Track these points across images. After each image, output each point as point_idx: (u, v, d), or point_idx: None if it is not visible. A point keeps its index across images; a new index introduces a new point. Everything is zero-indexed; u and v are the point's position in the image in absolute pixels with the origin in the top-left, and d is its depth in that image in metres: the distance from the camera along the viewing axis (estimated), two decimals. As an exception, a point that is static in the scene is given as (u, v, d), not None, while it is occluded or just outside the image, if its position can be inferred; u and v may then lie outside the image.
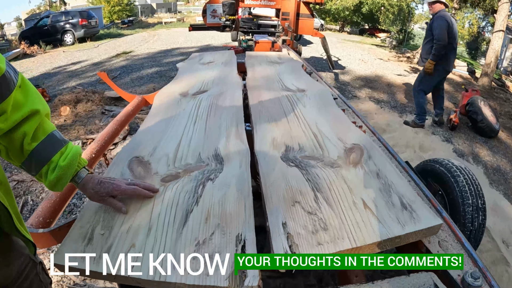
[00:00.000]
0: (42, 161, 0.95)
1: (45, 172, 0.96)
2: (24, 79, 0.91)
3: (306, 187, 1.18)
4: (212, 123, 1.66)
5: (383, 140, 1.85)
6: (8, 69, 0.83)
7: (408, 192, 1.18)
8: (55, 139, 0.98)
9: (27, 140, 0.90)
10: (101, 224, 1.01)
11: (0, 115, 0.84)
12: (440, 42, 4.83)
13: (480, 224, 1.97)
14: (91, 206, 1.09)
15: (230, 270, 0.85)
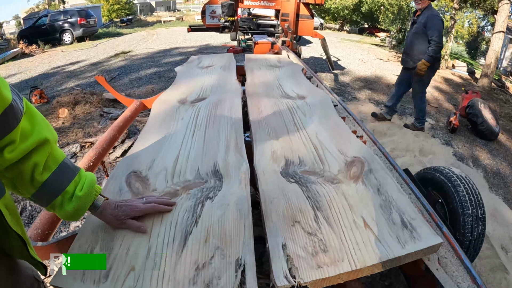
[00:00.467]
0: (55, 192, 0.92)
1: (59, 203, 0.93)
2: (28, 104, 0.87)
3: (306, 205, 1.16)
4: (210, 134, 1.64)
5: (383, 150, 1.84)
6: (14, 96, 0.79)
7: (409, 208, 1.16)
8: (67, 168, 0.94)
9: (38, 170, 0.87)
10: (100, 244, 0.99)
11: (9, 145, 0.80)
12: (440, 44, 4.54)
13: (479, 233, 1.97)
14: (89, 224, 1.07)
15: None
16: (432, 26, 4.53)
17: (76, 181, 0.95)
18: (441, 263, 1.13)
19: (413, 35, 4.87)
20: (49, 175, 0.89)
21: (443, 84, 9.07)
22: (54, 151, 0.91)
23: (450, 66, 12.09)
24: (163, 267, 0.91)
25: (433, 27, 4.52)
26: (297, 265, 0.92)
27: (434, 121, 5.88)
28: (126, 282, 0.86)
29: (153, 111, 2.01)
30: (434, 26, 4.52)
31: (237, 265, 0.92)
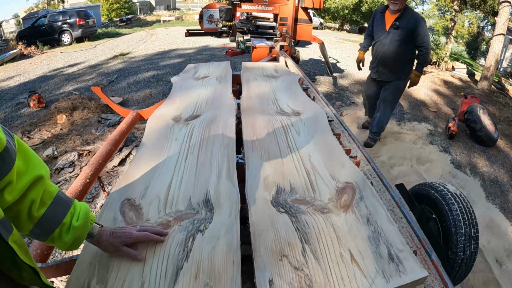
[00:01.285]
0: (53, 225, 0.95)
1: (57, 235, 0.96)
2: (20, 142, 0.88)
3: (295, 237, 1.17)
4: (203, 159, 1.64)
5: (377, 171, 1.84)
6: (8, 137, 0.81)
7: (397, 240, 1.17)
8: (62, 201, 0.98)
9: (35, 207, 0.89)
10: (96, 277, 1.01)
11: (7, 187, 0.82)
12: (429, 50, 4.13)
13: (472, 252, 1.99)
14: (86, 256, 1.09)
15: None
16: (422, 32, 3.99)
17: (71, 212, 0.99)
18: (427, 291, 1.15)
19: (395, 43, 4.15)
20: (46, 210, 0.92)
21: (442, 87, 9.06)
22: (48, 186, 0.94)
23: (450, 68, 12.08)
24: None
25: (424, 33, 4.01)
26: (284, 303, 0.93)
27: (433, 127, 5.89)
28: None
29: (147, 130, 2.01)
30: (425, 31, 4.02)
31: None
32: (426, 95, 7.87)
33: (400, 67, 4.26)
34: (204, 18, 6.56)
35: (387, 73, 4.37)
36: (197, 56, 10.65)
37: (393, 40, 4.15)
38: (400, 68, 4.26)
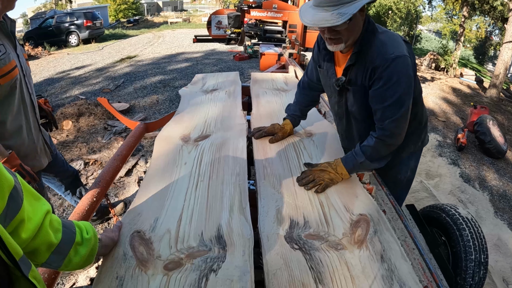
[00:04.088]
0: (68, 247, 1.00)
1: (73, 254, 1.02)
2: (22, 181, 0.90)
3: (309, 277, 1.15)
4: (214, 189, 1.61)
5: (390, 197, 1.81)
6: (14, 177, 0.83)
7: (410, 278, 1.17)
8: (67, 223, 1.04)
9: (51, 237, 0.94)
10: None
11: (20, 225, 0.84)
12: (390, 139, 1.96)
13: (480, 277, 1.98)
14: None
15: None
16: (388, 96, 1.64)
17: (78, 230, 1.05)
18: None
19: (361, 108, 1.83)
20: (62, 235, 0.98)
21: (451, 95, 9.01)
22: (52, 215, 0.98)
23: (458, 74, 12.02)
24: None
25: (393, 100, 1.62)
26: None
27: (442, 138, 5.85)
28: None
29: (155, 152, 1.99)
30: (395, 97, 1.61)
31: None
32: (434, 103, 7.82)
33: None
34: (212, 24, 6.54)
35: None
36: (205, 61, 10.64)
37: (354, 103, 1.84)
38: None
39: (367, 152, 1.71)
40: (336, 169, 1.71)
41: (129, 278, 1.14)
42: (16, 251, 0.76)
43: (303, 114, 2.22)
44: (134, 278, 1.13)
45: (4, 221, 0.79)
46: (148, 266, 1.18)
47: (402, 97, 1.58)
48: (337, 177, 1.70)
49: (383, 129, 1.66)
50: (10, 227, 0.82)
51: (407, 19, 20.06)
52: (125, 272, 1.15)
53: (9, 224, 0.81)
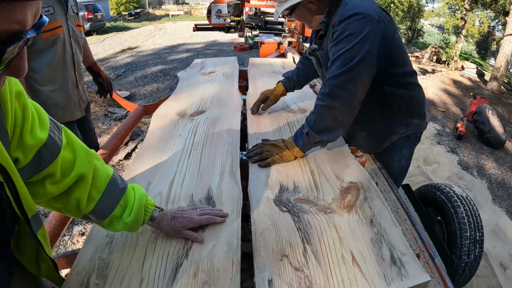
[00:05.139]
0: (102, 216, 0.98)
1: (107, 224, 1.00)
2: (70, 135, 0.91)
3: (296, 237, 1.16)
4: (207, 156, 1.63)
5: (383, 171, 1.82)
6: (52, 131, 0.84)
7: (400, 242, 1.16)
8: (113, 192, 0.99)
9: (83, 204, 0.92)
10: (96, 272, 1.01)
11: (48, 178, 0.85)
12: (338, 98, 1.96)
13: (476, 256, 1.96)
14: (86, 251, 1.09)
15: None
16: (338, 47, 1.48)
17: (122, 206, 1.00)
18: (429, 296, 1.13)
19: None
20: (95, 205, 0.94)
21: (451, 87, 8.98)
22: (97, 176, 0.95)
23: (460, 67, 11.96)
24: None
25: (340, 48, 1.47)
26: (282, 303, 0.92)
27: (441, 127, 5.83)
28: None
29: (151, 126, 2.00)
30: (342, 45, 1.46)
31: None
32: (435, 94, 7.80)
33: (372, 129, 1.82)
34: (212, 13, 6.54)
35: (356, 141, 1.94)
36: (205, 51, 10.63)
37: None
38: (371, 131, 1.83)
39: (311, 120, 1.55)
40: (287, 146, 1.62)
41: (118, 236, 1.16)
42: (30, 207, 0.78)
43: (299, 81, 2.17)
44: (123, 235, 1.16)
45: (29, 172, 0.81)
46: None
47: (350, 54, 1.41)
48: (288, 154, 1.61)
49: (324, 86, 1.52)
50: (36, 177, 0.83)
51: (409, 12, 19.94)
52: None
53: (35, 175, 0.82)
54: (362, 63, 1.41)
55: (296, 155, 1.62)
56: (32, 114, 0.79)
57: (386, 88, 1.64)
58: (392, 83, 1.63)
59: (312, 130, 1.53)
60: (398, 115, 1.73)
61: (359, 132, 1.84)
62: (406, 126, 1.76)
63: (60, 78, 2.21)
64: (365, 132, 1.83)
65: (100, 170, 0.97)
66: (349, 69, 1.42)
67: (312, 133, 1.53)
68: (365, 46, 1.40)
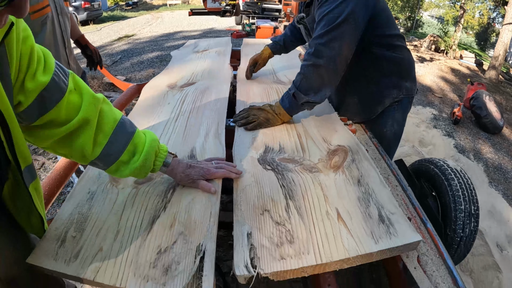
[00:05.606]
0: (108, 163, 0.96)
1: (114, 170, 0.98)
2: (77, 80, 0.90)
3: (279, 193, 1.12)
4: (193, 121, 1.60)
5: (374, 140, 1.77)
6: (56, 75, 0.83)
7: (389, 202, 1.11)
8: (120, 136, 0.96)
9: (88, 150, 0.90)
10: (74, 226, 1.00)
11: (53, 121, 0.84)
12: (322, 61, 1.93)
13: (471, 230, 1.90)
14: (67, 208, 1.08)
15: (186, 282, 0.82)
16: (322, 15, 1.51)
17: (129, 151, 0.97)
18: (421, 261, 1.07)
19: None
20: (101, 150, 0.92)
21: (449, 74, 8.93)
22: (103, 120, 0.92)
23: (458, 56, 11.89)
24: (128, 249, 0.92)
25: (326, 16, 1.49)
26: (260, 255, 0.90)
27: (437, 112, 5.79)
28: (93, 262, 0.88)
29: (141, 96, 1.98)
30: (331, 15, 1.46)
31: (197, 251, 0.90)
32: (432, 81, 7.75)
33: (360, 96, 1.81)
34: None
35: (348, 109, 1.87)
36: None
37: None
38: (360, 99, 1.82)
39: (297, 81, 1.53)
40: (274, 110, 1.59)
41: (100, 192, 1.14)
42: (24, 156, 0.78)
43: (286, 45, 2.18)
44: (104, 191, 1.14)
45: (32, 115, 0.81)
46: (119, 181, 1.19)
47: (334, 14, 1.42)
48: (275, 118, 1.58)
49: (309, 46, 1.53)
50: (40, 120, 0.82)
51: (409, 2, 19.78)
52: (97, 188, 1.16)
53: (38, 118, 0.82)
54: (346, 22, 1.41)
55: (283, 119, 1.59)
56: (38, 58, 0.79)
57: (375, 50, 1.64)
58: (380, 44, 1.64)
59: (298, 90, 1.50)
60: (389, 78, 1.72)
61: (351, 98, 1.82)
62: (398, 90, 1.74)
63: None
64: (357, 97, 1.80)
65: (107, 114, 0.94)
66: (333, 28, 1.42)
67: (298, 94, 1.50)
68: (349, 6, 1.41)
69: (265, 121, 1.56)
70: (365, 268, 2.21)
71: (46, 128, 0.85)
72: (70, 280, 0.91)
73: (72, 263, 0.88)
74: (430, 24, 23.71)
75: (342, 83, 1.70)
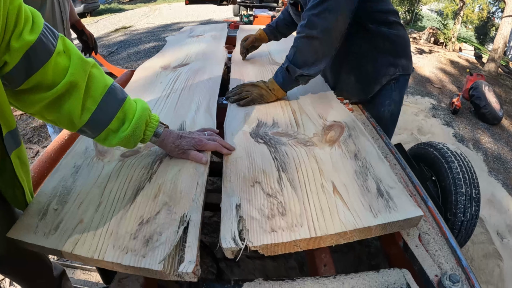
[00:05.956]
0: (97, 129, 0.91)
1: (103, 138, 0.93)
2: (67, 43, 0.84)
3: (272, 166, 1.07)
4: (185, 97, 1.55)
5: (371, 120, 1.71)
6: (44, 35, 0.78)
7: (388, 176, 1.05)
8: (109, 103, 0.90)
9: (76, 115, 0.85)
10: (56, 199, 0.96)
11: (39, 85, 0.80)
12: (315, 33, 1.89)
13: (473, 215, 1.84)
14: (51, 182, 1.04)
15: (166, 253, 0.77)
16: None
17: (119, 119, 0.92)
18: (422, 240, 1.02)
19: None
20: (90, 117, 0.87)
21: (449, 66, 8.87)
22: (92, 86, 0.87)
23: (457, 49, 11.82)
24: (109, 220, 0.88)
25: None
26: (249, 227, 0.84)
27: (436, 102, 5.73)
28: (72, 235, 0.84)
29: (133, 78, 1.93)
30: None
31: (181, 222, 0.85)
32: (431, 72, 7.69)
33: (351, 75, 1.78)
34: (204, -14, 6.39)
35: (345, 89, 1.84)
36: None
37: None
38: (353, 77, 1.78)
39: (290, 54, 1.46)
40: (268, 86, 1.53)
41: (85, 166, 1.10)
42: (7, 120, 0.75)
43: (278, 29, 2.11)
44: (90, 165, 1.10)
45: (18, 77, 0.76)
46: (106, 155, 1.15)
47: None
48: (269, 94, 1.52)
49: (303, 18, 1.45)
50: (26, 84, 0.78)
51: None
52: (83, 162, 1.12)
53: (25, 81, 0.77)
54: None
55: (277, 95, 1.53)
56: (26, 18, 0.74)
57: (370, 26, 1.59)
58: (375, 20, 1.58)
59: (292, 64, 1.44)
60: (385, 55, 1.67)
61: (347, 77, 1.77)
62: (394, 67, 1.69)
63: None
64: (353, 76, 1.75)
65: (97, 79, 0.88)
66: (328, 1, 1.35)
67: (292, 68, 1.44)
68: None
69: (258, 97, 1.50)
70: (364, 255, 2.18)
71: (33, 93, 0.80)
72: (50, 254, 0.88)
73: (51, 235, 0.84)
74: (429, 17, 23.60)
75: (338, 62, 1.71)
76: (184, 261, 0.76)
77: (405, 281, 0.87)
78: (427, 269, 0.90)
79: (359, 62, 1.70)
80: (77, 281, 2.04)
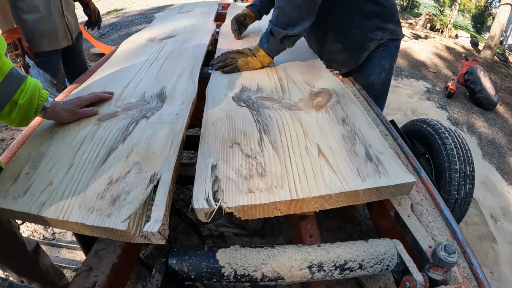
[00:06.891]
0: (2, 102, 0.92)
1: (7, 112, 0.95)
2: None
3: (253, 128, 1.01)
4: (169, 65, 1.49)
5: (363, 91, 1.65)
6: None
7: (377, 142, 0.99)
8: (14, 78, 0.94)
9: None
10: (29, 164, 0.93)
11: None
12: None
13: (467, 193, 1.78)
14: (25, 149, 1.01)
15: (132, 212, 0.73)
16: None
17: (21, 89, 0.95)
18: (415, 210, 0.96)
19: None
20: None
21: (444, 52, 8.78)
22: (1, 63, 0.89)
23: (453, 35, 11.73)
24: (78, 181, 0.84)
25: None
26: (224, 187, 0.78)
27: (431, 85, 5.66)
28: (40, 197, 0.81)
29: (118, 50, 1.87)
30: None
31: (151, 181, 0.80)
32: (426, 57, 7.61)
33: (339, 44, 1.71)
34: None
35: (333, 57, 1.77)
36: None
37: None
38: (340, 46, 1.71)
39: (273, 17, 1.39)
40: (253, 52, 1.47)
41: (61, 131, 1.06)
42: None
43: (262, 5, 2.03)
44: (66, 130, 1.06)
45: None
46: (82, 120, 1.10)
47: None
48: (254, 60, 1.46)
49: None
50: None
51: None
52: (59, 128, 1.08)
53: None
54: None
55: (263, 62, 1.46)
56: None
57: None
58: None
59: (276, 26, 1.37)
60: (372, 20, 1.59)
61: (334, 45, 1.68)
62: (382, 31, 1.61)
63: (43, 7, 2.09)
64: (340, 43, 1.67)
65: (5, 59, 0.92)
66: None
67: (276, 30, 1.37)
68: None
69: (243, 64, 1.44)
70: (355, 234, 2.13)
71: None
72: (18, 218, 0.85)
73: (20, 199, 0.81)
74: (426, 5, 23.44)
75: (322, 29, 1.63)
76: (150, 221, 0.70)
77: (396, 252, 0.81)
78: (420, 239, 0.84)
79: (345, 28, 1.61)
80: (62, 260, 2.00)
